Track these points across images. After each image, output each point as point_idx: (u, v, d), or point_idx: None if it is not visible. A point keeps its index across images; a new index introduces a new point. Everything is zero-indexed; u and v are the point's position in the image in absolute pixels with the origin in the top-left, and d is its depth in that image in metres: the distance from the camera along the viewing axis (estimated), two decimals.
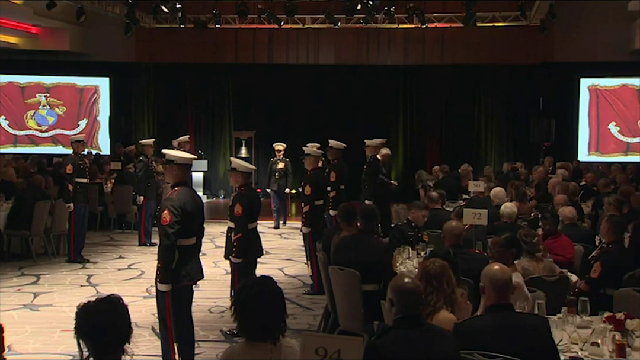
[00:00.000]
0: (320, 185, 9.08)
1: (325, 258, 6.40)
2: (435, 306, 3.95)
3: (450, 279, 4.06)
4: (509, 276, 3.88)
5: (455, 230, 5.77)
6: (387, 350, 3.34)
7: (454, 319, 3.93)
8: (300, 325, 7.17)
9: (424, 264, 4.18)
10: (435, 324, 3.73)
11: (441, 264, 4.11)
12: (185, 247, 5.37)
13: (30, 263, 10.12)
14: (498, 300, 3.77)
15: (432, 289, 3.97)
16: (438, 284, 3.99)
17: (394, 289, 3.51)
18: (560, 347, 4.11)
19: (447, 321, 3.86)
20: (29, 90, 18.03)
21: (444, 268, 4.08)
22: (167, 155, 5.63)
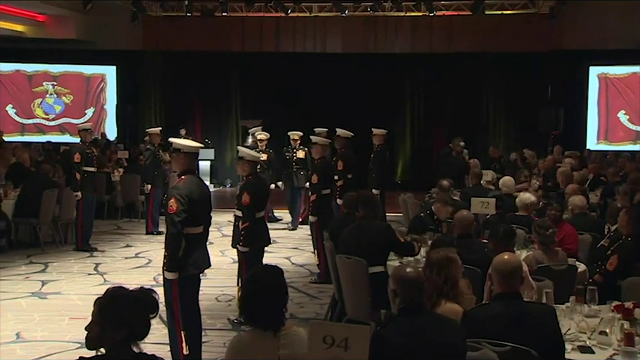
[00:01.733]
0: (327, 174, 9.08)
1: (332, 247, 6.41)
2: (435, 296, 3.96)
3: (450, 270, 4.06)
4: (518, 265, 3.88)
5: (466, 220, 5.76)
6: (393, 339, 3.36)
7: (460, 309, 3.93)
8: (308, 314, 7.18)
9: (428, 254, 4.19)
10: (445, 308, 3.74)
11: (443, 254, 4.11)
12: (192, 236, 5.38)
13: (38, 251, 10.17)
14: (506, 289, 3.77)
15: (427, 278, 3.99)
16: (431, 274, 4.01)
17: (397, 279, 3.54)
18: (568, 336, 4.11)
19: (452, 312, 3.87)
20: (36, 79, 18.08)
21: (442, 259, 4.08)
22: (174, 143, 5.63)
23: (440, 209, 7.13)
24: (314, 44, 17.35)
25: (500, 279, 3.79)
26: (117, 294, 2.87)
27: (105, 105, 18.13)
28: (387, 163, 11.54)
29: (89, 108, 18.13)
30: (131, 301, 2.84)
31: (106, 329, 2.81)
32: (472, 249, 5.42)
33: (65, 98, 18.12)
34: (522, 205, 7.24)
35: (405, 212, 9.95)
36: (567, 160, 11.78)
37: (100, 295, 2.92)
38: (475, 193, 8.34)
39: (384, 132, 11.43)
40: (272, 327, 3.09)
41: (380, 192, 10.76)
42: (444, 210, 7.15)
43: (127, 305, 2.82)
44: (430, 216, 7.17)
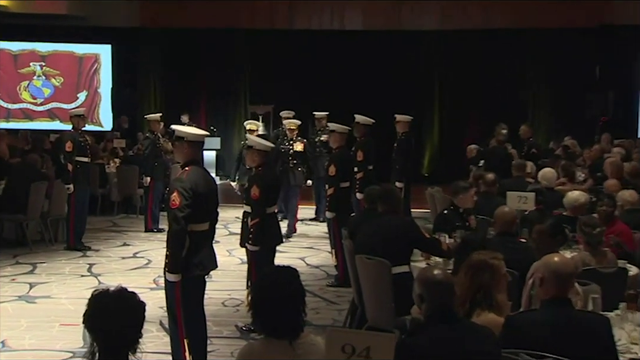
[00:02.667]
0: (346, 165, 9.09)
1: (352, 246, 6.42)
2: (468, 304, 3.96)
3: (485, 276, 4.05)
4: (573, 269, 3.87)
5: (507, 217, 5.76)
6: (420, 349, 3.36)
7: (500, 322, 3.93)
8: (324, 321, 7.19)
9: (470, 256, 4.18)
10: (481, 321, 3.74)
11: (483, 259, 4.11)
12: (197, 234, 5.41)
13: (25, 250, 10.27)
14: (557, 294, 3.75)
15: (473, 284, 3.98)
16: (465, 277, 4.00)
17: (423, 283, 3.55)
18: (618, 347, 4.09)
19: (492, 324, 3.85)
20: (22, 59, 18.19)
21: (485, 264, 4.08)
22: (177, 131, 5.66)
23: (463, 198, 7.13)
24: (331, 20, 17.35)
25: (556, 283, 3.76)
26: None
27: (100, 89, 18.23)
28: (412, 153, 11.53)
29: (81, 92, 18.25)
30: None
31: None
32: (514, 248, 5.41)
33: (54, 80, 18.25)
34: (570, 206, 7.02)
35: (432, 208, 9.94)
36: (616, 150, 11.69)
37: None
38: (513, 186, 8.31)
39: (408, 118, 11.41)
40: (287, 335, 3.10)
41: (404, 185, 10.76)
42: (468, 196, 7.15)
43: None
44: (454, 211, 7.17)
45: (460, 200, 7.15)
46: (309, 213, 12.82)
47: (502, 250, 4.54)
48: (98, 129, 17.33)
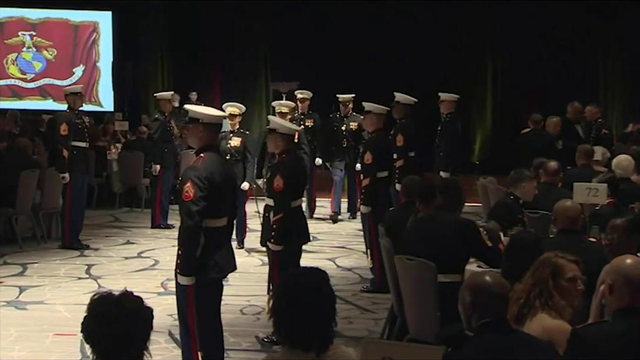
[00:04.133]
0: (383, 151, 9.09)
1: (390, 245, 6.43)
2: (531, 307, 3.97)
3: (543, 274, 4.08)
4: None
5: (571, 212, 5.73)
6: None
7: (566, 327, 3.93)
8: (358, 332, 7.21)
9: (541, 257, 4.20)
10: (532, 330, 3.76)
11: (546, 255, 4.13)
12: (213, 230, 5.46)
13: (14, 249, 10.40)
14: (631, 303, 3.74)
15: (531, 281, 4.01)
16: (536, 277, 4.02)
17: (474, 289, 3.58)
18: None
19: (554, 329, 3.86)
20: (10, 28, 18.37)
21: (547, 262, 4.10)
22: (191, 111, 5.70)
23: (527, 188, 7.10)
24: None
25: (629, 290, 3.75)
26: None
27: (99, 63, 18.39)
28: (459, 138, 11.48)
29: (77, 66, 18.42)
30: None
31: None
32: (580, 249, 5.39)
33: (47, 53, 18.43)
34: None
35: (485, 201, 9.90)
36: None
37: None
38: (581, 176, 8.26)
39: (454, 97, 11.36)
40: (315, 347, 3.13)
41: (450, 175, 10.75)
42: (531, 186, 7.12)
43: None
44: (515, 202, 7.13)
45: (523, 191, 7.13)
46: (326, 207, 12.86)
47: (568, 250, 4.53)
48: (97, 109, 17.51)
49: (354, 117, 12.10)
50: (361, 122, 11.31)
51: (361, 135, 11.77)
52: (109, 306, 3.00)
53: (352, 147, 12.10)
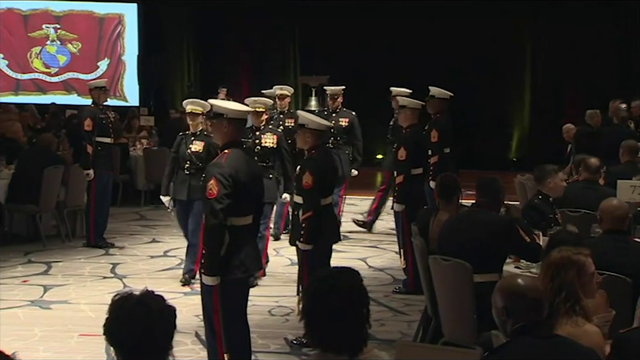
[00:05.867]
0: (418, 148, 9.05)
1: (424, 245, 6.41)
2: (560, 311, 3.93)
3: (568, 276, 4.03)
4: None
5: (618, 211, 5.67)
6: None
7: (596, 331, 3.90)
8: (390, 334, 7.22)
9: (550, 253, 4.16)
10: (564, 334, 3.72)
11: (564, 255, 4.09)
12: (238, 229, 5.48)
13: (38, 247, 10.49)
14: None
15: (553, 286, 3.97)
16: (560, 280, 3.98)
17: (507, 293, 3.56)
18: None
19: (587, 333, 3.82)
20: (34, 20, 18.52)
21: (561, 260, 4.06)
22: (215, 106, 5.72)
23: (554, 184, 7.05)
24: None
25: None
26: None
27: (124, 56, 18.49)
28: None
29: (102, 59, 18.53)
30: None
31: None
32: (626, 249, 5.33)
33: (71, 46, 18.56)
34: None
35: (522, 199, 9.85)
36: None
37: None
38: (625, 174, 8.18)
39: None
40: (347, 350, 3.13)
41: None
42: (558, 183, 7.06)
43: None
44: (545, 202, 7.09)
45: (550, 187, 7.09)
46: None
47: (611, 252, 4.49)
48: (122, 103, 17.60)
49: (344, 112, 11.19)
50: (352, 118, 11.10)
51: (354, 133, 11.09)
52: (130, 306, 3.01)
53: (341, 147, 10.97)
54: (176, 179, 8.85)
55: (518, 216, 6.50)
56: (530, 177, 10.05)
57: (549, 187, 7.15)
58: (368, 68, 16.89)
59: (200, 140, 8.83)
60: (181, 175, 8.81)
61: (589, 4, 16.74)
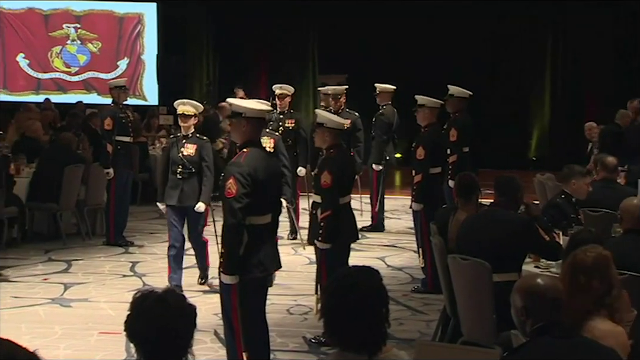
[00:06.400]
0: (437, 147, 9.04)
1: (443, 244, 6.40)
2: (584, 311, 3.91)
3: (608, 276, 4.01)
4: None
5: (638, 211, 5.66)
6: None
7: (621, 331, 3.88)
8: (409, 334, 7.21)
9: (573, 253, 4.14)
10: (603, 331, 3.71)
11: (597, 253, 4.07)
12: (257, 228, 5.50)
13: (58, 245, 10.55)
14: None
15: (579, 287, 3.95)
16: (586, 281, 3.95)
17: (526, 293, 3.55)
18: None
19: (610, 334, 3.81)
20: (54, 20, 18.61)
21: (601, 259, 4.04)
22: (233, 105, 5.74)
23: (577, 185, 7.01)
24: None
25: None
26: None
27: (143, 56, 18.55)
28: None
29: (122, 59, 18.59)
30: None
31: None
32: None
33: (91, 45, 18.64)
34: None
35: (542, 198, 9.82)
36: None
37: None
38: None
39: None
40: (367, 349, 3.13)
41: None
42: (583, 184, 7.03)
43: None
44: (567, 201, 7.05)
45: (573, 188, 7.06)
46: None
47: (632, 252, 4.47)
48: (141, 102, 17.66)
49: (347, 113, 10.78)
50: (354, 119, 10.84)
51: (356, 136, 10.89)
52: (151, 304, 3.02)
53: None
54: (168, 183, 8.41)
55: (538, 214, 6.49)
56: (550, 176, 10.04)
57: (572, 187, 7.13)
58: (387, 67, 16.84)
59: (192, 143, 8.37)
60: (173, 180, 8.33)
61: (609, 3, 16.65)
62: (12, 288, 8.68)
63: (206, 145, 8.47)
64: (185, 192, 8.30)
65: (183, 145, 8.36)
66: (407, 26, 17.19)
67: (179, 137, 8.48)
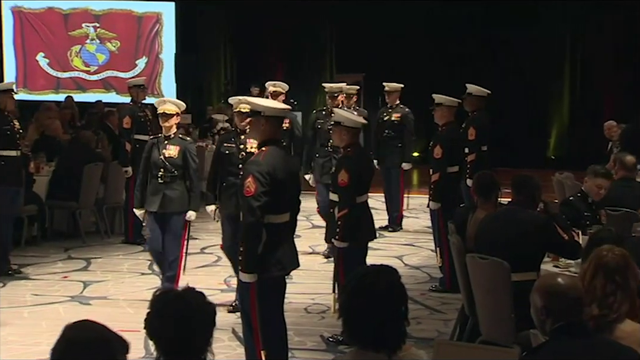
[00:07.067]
0: (454, 145, 9.03)
1: (460, 243, 6.39)
2: (620, 312, 3.88)
3: (636, 273, 4.01)
4: None
5: None
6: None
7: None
8: (427, 333, 7.21)
9: (598, 253, 4.12)
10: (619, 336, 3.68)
11: (622, 252, 4.05)
12: (276, 226, 5.51)
13: (78, 243, 10.61)
14: None
15: (615, 287, 3.91)
16: (622, 281, 3.93)
17: (547, 292, 3.54)
18: None
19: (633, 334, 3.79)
20: (74, 19, 18.72)
21: (627, 258, 4.03)
22: (252, 104, 5.75)
23: (589, 184, 6.99)
24: None
25: None
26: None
27: (161, 55, 18.62)
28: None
29: (140, 58, 18.67)
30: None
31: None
32: None
33: (110, 45, 18.72)
34: None
35: (561, 197, 9.78)
36: None
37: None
38: None
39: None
40: (386, 348, 3.13)
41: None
42: (593, 184, 7.02)
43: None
44: (582, 199, 7.02)
45: (585, 187, 7.10)
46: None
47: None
48: None
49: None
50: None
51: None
52: (170, 301, 3.04)
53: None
54: (148, 188, 7.85)
55: (556, 212, 6.46)
56: (569, 175, 10.01)
57: (585, 186, 7.13)
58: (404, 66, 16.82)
59: (175, 144, 7.81)
60: (154, 184, 7.77)
61: (629, 2, 16.57)
62: (32, 286, 8.77)
63: (190, 147, 7.92)
64: (167, 197, 7.74)
65: (165, 146, 7.80)
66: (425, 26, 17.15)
67: (160, 138, 7.90)
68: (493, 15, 16.93)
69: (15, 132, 9.09)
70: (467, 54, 16.77)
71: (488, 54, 16.86)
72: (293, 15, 17.89)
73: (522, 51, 16.94)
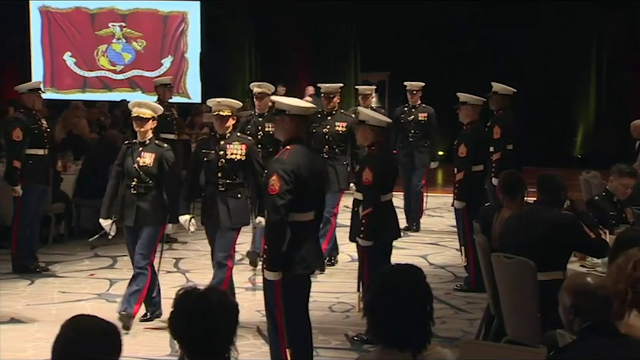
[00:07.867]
0: (479, 144, 9.00)
1: (486, 242, 6.36)
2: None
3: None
4: None
5: None
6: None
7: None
8: (452, 332, 7.19)
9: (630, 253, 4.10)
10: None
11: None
12: (300, 225, 5.50)
13: (104, 241, 10.61)
14: None
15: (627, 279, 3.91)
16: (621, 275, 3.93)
17: (575, 291, 3.53)
18: None
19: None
20: (100, 19, 18.82)
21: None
22: (277, 103, 5.76)
23: (615, 184, 6.96)
24: None
25: None
26: None
27: (187, 54, 18.67)
28: None
29: (166, 57, 18.74)
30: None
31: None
32: None
33: (136, 44, 18.81)
34: None
35: (587, 196, 9.71)
36: None
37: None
38: None
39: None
40: (411, 347, 3.12)
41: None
42: (618, 183, 6.98)
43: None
44: (607, 199, 6.98)
45: (611, 186, 7.07)
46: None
47: None
48: (185, 100, 17.78)
49: (341, 115, 9.55)
50: (350, 122, 9.40)
51: (353, 140, 8.75)
52: (193, 300, 3.05)
53: (338, 157, 9.30)
54: (123, 200, 7.24)
55: (583, 209, 6.42)
56: (595, 174, 9.94)
57: (610, 185, 7.10)
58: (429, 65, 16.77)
59: (150, 151, 7.14)
60: (128, 196, 7.16)
61: None
62: (59, 283, 8.84)
63: (167, 154, 7.20)
64: (141, 209, 7.14)
65: (139, 153, 7.13)
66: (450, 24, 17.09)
67: (134, 145, 7.22)
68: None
69: (42, 131, 9.18)
70: (490, 53, 16.71)
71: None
72: (317, 14, 17.88)
73: (549, 50, 16.83)
